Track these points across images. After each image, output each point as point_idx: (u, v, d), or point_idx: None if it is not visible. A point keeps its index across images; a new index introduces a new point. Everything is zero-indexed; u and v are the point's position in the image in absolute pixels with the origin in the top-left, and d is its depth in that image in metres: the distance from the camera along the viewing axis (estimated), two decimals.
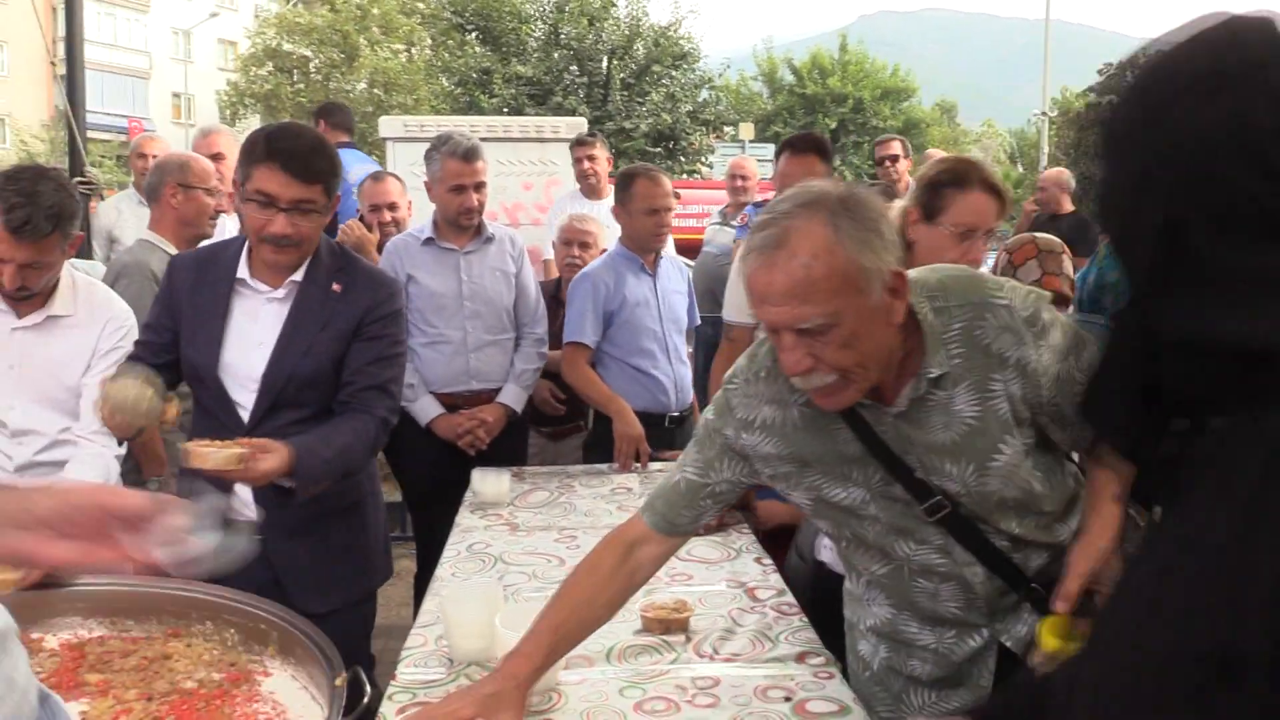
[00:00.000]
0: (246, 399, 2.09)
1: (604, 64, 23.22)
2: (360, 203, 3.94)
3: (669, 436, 3.29)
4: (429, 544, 3.10)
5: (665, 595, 1.99)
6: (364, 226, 3.68)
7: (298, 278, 2.12)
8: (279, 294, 2.12)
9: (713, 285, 4.71)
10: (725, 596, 2.08)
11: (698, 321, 3.66)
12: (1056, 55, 27.40)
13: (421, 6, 27.28)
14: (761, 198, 5.24)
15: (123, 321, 2.35)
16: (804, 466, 1.55)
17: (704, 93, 24.65)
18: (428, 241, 3.22)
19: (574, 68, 23.17)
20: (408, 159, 6.12)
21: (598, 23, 23.14)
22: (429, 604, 2.02)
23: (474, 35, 24.24)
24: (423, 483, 3.27)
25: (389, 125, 7.18)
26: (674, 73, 23.58)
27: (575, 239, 3.76)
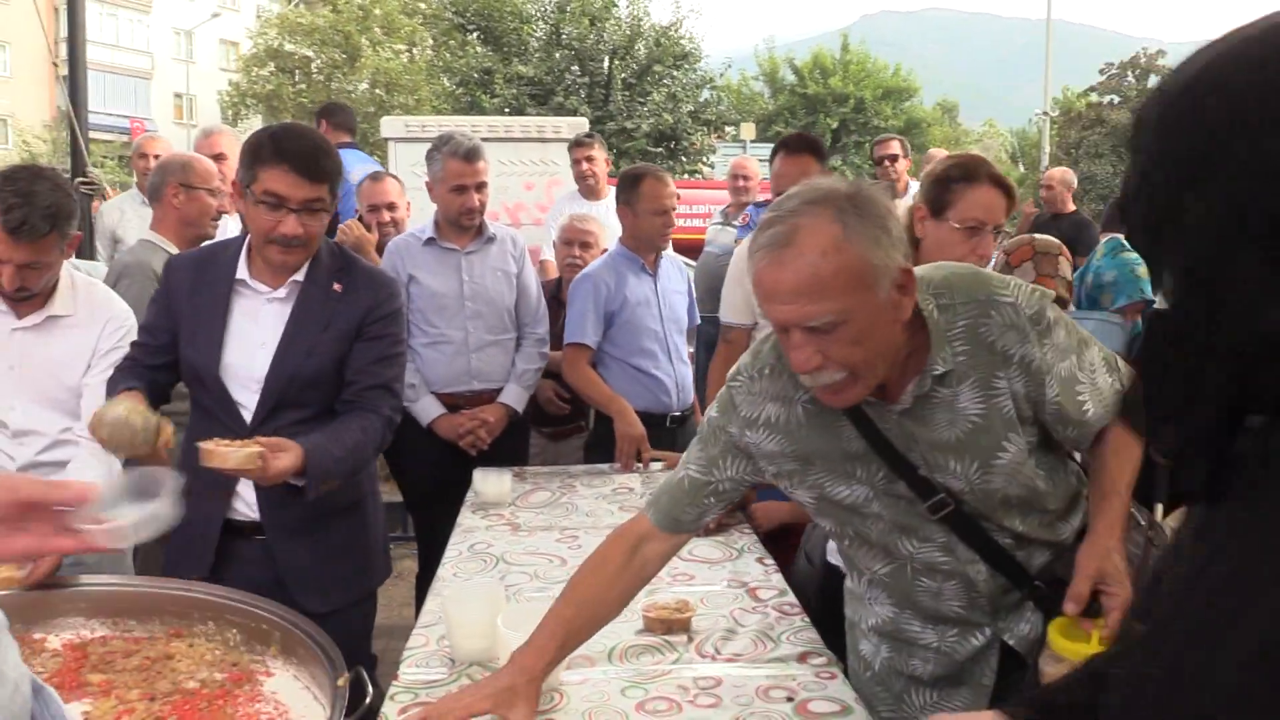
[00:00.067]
0: (248, 399, 2.09)
1: (605, 64, 23.22)
2: (359, 203, 3.95)
3: (670, 436, 3.29)
4: (431, 544, 3.10)
5: (667, 595, 1.99)
6: (363, 227, 3.68)
7: (299, 278, 2.12)
8: (279, 294, 2.12)
9: (714, 285, 4.69)
10: (727, 596, 2.08)
11: (697, 321, 3.66)
12: (1058, 55, 27.34)
13: (423, 7, 27.29)
14: (763, 198, 5.24)
15: (123, 321, 2.35)
16: (807, 464, 1.55)
17: (705, 93, 24.64)
18: (429, 241, 3.22)
19: (575, 68, 23.16)
20: (409, 159, 6.12)
21: (599, 23, 23.14)
22: (431, 604, 2.03)
23: (475, 35, 24.24)
24: (424, 483, 3.27)
25: (390, 125, 7.19)
26: (675, 73, 23.57)
27: (576, 239, 3.76)
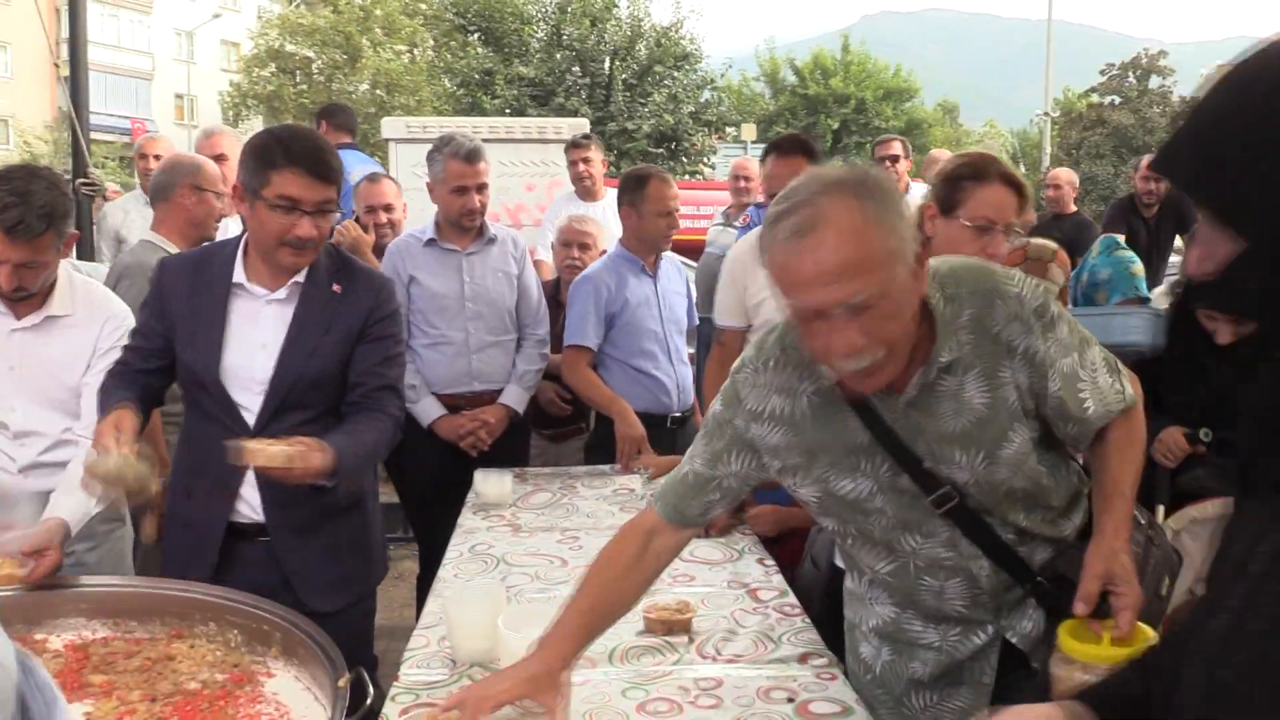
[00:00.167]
0: (251, 401, 2.09)
1: (606, 65, 23.22)
2: (356, 204, 3.95)
3: (670, 437, 3.29)
4: (431, 545, 3.10)
5: (668, 596, 1.99)
6: (360, 227, 3.68)
7: (299, 279, 2.12)
8: (279, 296, 2.12)
9: (715, 286, 4.69)
10: (728, 597, 2.08)
11: (696, 322, 3.66)
12: (1058, 55, 27.32)
13: (424, 8, 27.29)
14: (762, 198, 5.23)
15: (122, 320, 2.35)
16: (813, 458, 1.54)
17: (706, 93, 24.65)
18: (430, 242, 3.23)
19: (576, 68, 23.17)
20: (410, 160, 6.13)
21: (600, 23, 23.14)
22: (432, 605, 2.03)
23: (476, 36, 24.24)
24: (425, 484, 3.27)
25: (391, 126, 7.20)
26: (676, 73, 23.57)
27: (575, 240, 3.75)
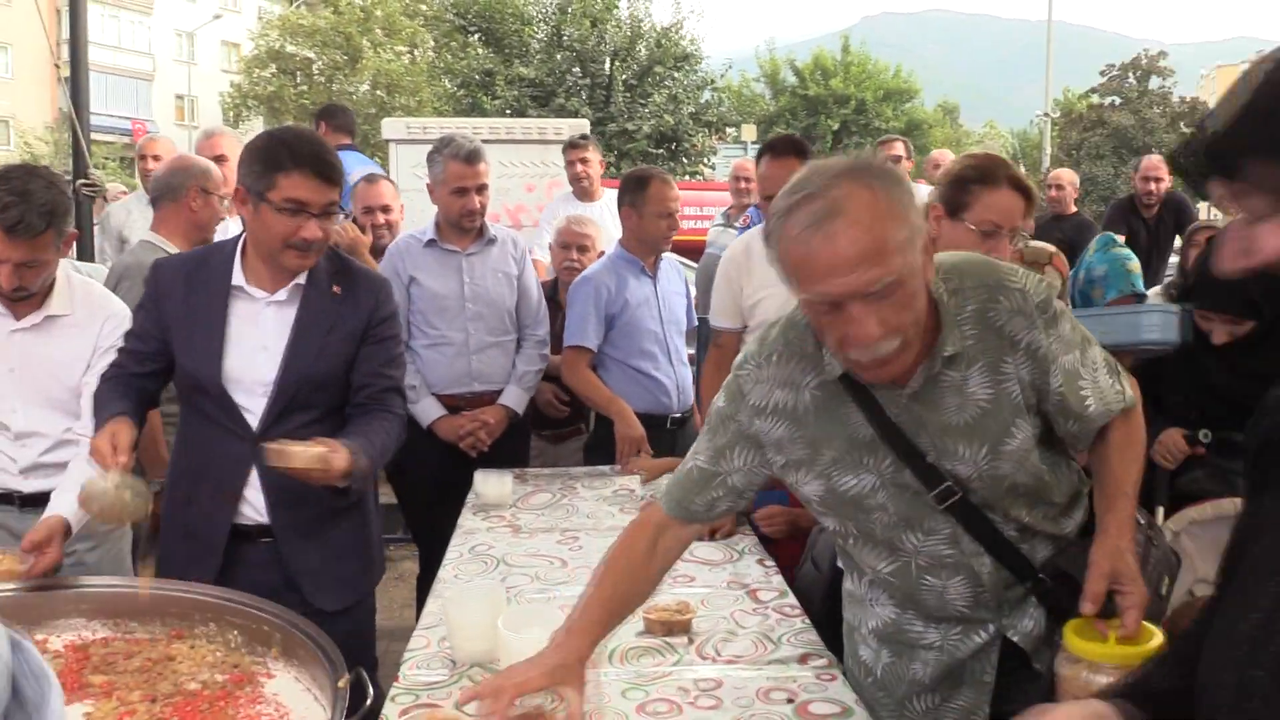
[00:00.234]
0: (253, 404, 2.08)
1: (606, 65, 23.23)
2: (353, 205, 3.95)
3: (670, 438, 3.29)
4: (431, 546, 3.10)
5: (667, 597, 1.99)
6: (357, 228, 3.68)
7: (300, 281, 2.12)
8: (279, 298, 2.12)
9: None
10: (727, 598, 2.08)
11: (695, 322, 3.66)
12: (1059, 56, 27.34)
13: (424, 8, 27.32)
14: (759, 200, 5.22)
15: (121, 320, 2.34)
16: (816, 452, 1.54)
17: (706, 94, 24.66)
18: (430, 243, 3.23)
19: (576, 69, 23.17)
20: (410, 161, 6.14)
21: (600, 24, 23.15)
22: (431, 606, 2.03)
23: (477, 37, 24.26)
24: (425, 484, 3.27)
25: (392, 127, 7.21)
26: (676, 74, 23.58)
27: (574, 242, 3.74)
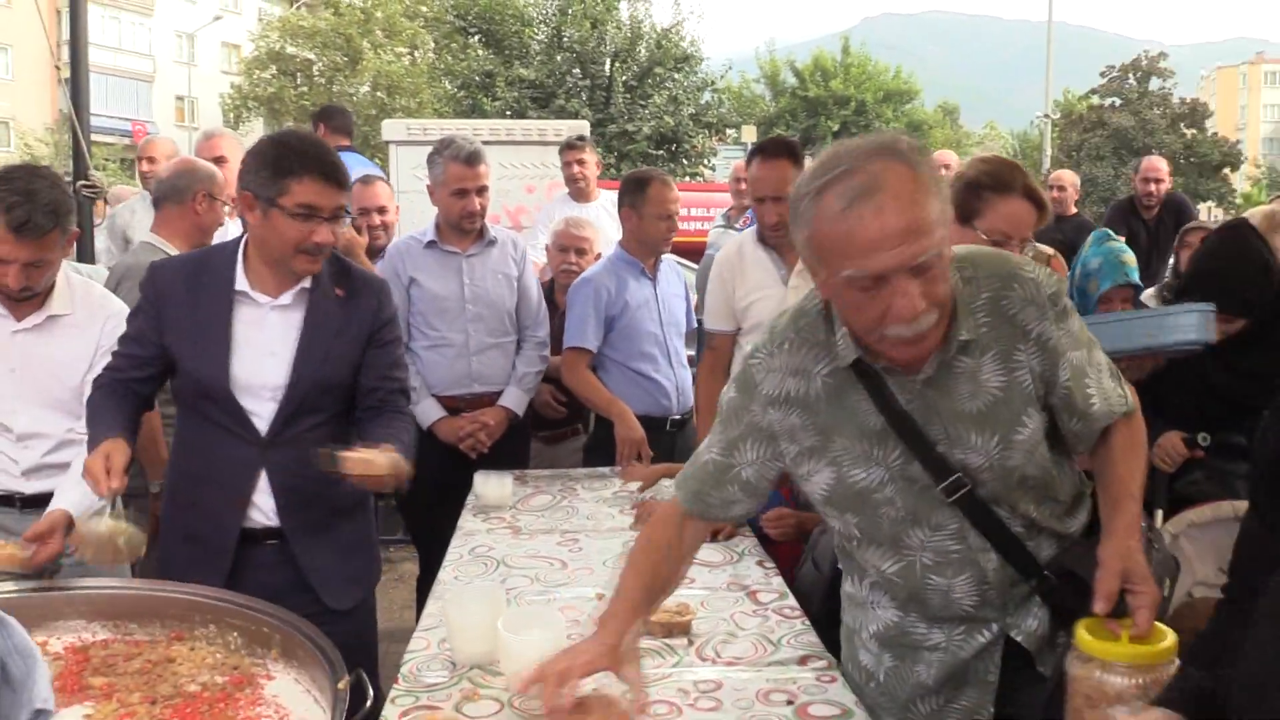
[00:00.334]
0: (262, 409, 2.08)
1: (606, 67, 23.25)
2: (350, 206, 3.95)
3: (670, 440, 3.29)
4: (431, 547, 3.10)
5: (667, 598, 1.99)
6: (353, 230, 3.68)
7: (305, 285, 2.12)
8: (283, 302, 2.11)
9: None
10: (727, 599, 2.08)
11: (695, 324, 3.66)
12: (1059, 57, 27.34)
13: (425, 10, 27.32)
14: (750, 202, 5.22)
15: (122, 319, 2.35)
16: (828, 439, 1.54)
17: (706, 95, 24.68)
18: (430, 244, 3.23)
19: (576, 70, 23.20)
20: (411, 162, 6.14)
21: (600, 25, 23.17)
22: (431, 607, 2.03)
23: (477, 38, 24.28)
24: (424, 486, 3.24)
25: (392, 129, 7.22)
26: (676, 75, 23.61)
27: (572, 245, 3.73)
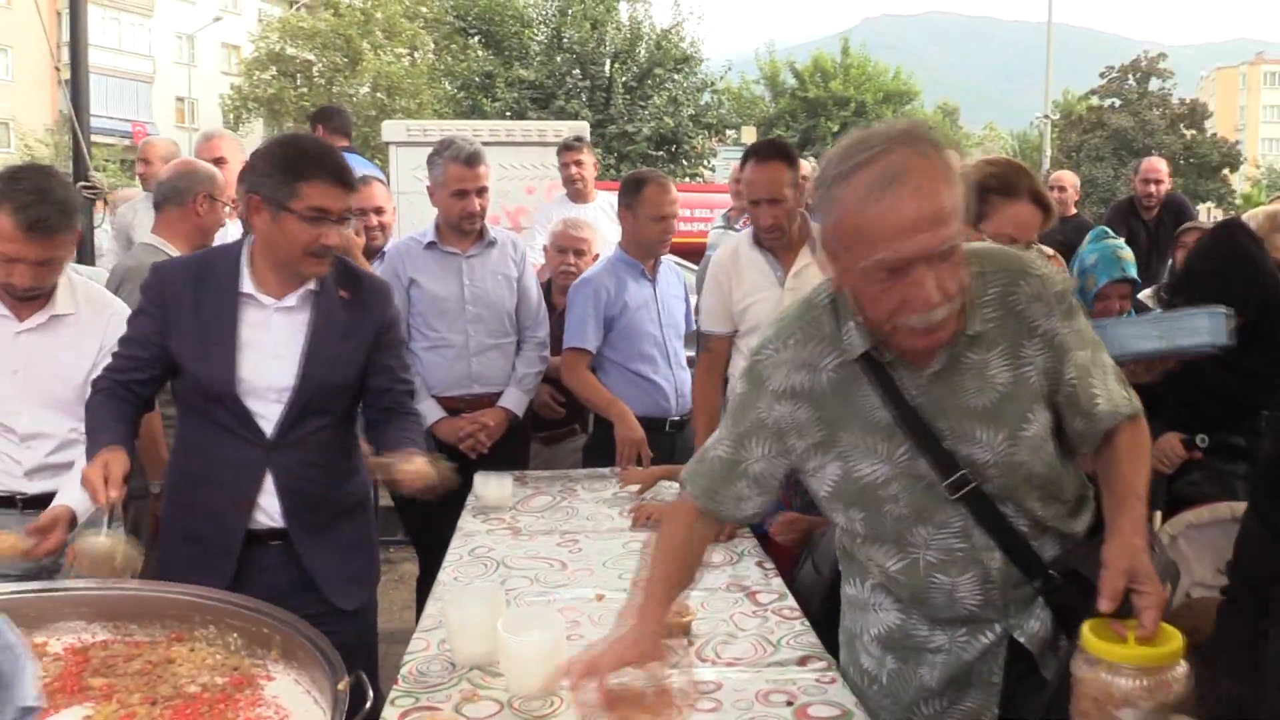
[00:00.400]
0: (268, 410, 2.08)
1: (606, 68, 23.26)
2: None
3: (669, 441, 3.29)
4: (431, 548, 3.10)
5: None
6: (350, 231, 3.68)
7: (311, 286, 2.12)
8: (288, 303, 2.11)
9: None
10: (727, 600, 2.08)
11: (694, 326, 3.66)
12: (1058, 58, 27.35)
13: (424, 11, 27.33)
14: (745, 204, 5.22)
15: (125, 319, 2.36)
16: (835, 432, 1.54)
17: (706, 96, 24.68)
18: (430, 245, 3.23)
19: (576, 71, 23.21)
20: (411, 163, 6.15)
21: (600, 26, 23.18)
22: (431, 608, 2.03)
23: (477, 39, 24.28)
24: None
25: (392, 130, 7.22)
26: (676, 76, 23.61)
27: (570, 246, 3.73)
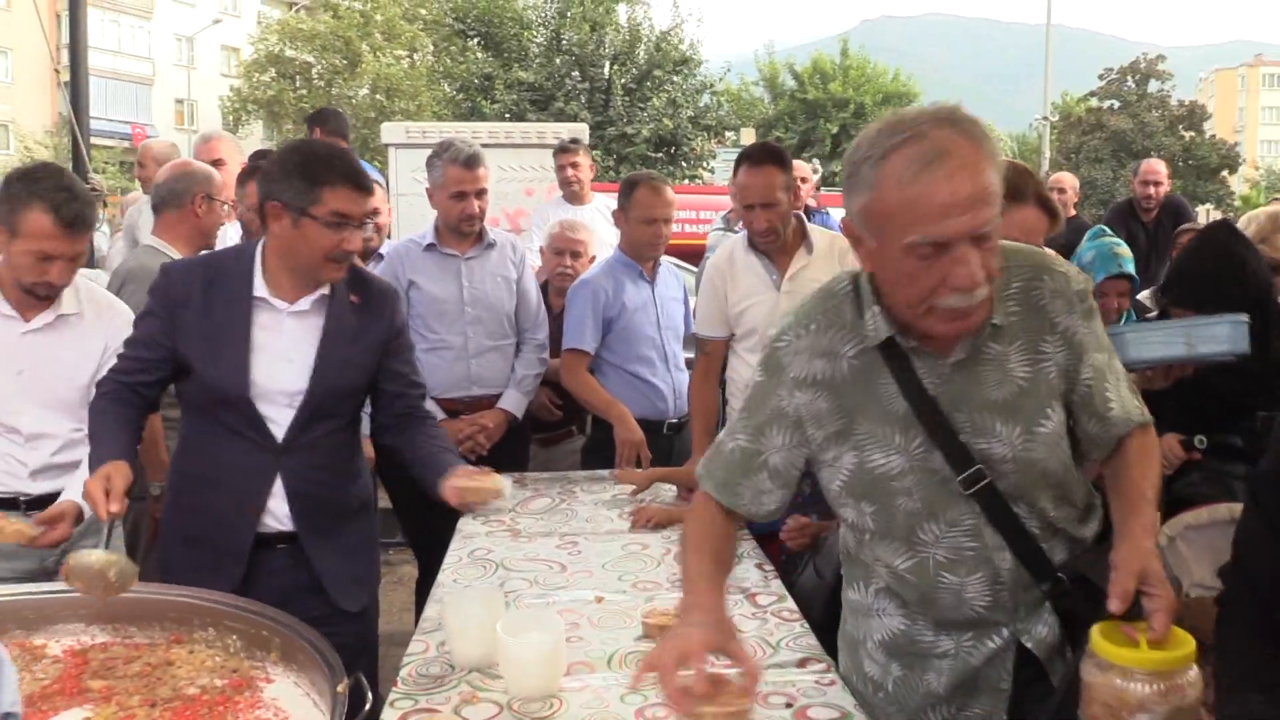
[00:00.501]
0: (279, 415, 2.08)
1: (605, 69, 23.28)
2: None
3: (667, 443, 3.29)
4: (430, 550, 3.10)
5: (666, 601, 1.99)
6: None
7: (324, 291, 2.12)
8: (300, 307, 2.11)
9: None
10: (726, 602, 2.07)
11: (693, 328, 3.65)
12: (1057, 59, 27.39)
13: (424, 13, 27.34)
14: (739, 208, 5.22)
15: (129, 319, 2.36)
16: (853, 421, 1.53)
17: (705, 98, 24.70)
18: (429, 247, 3.23)
19: (575, 73, 23.23)
20: (410, 165, 6.15)
21: (599, 28, 23.20)
22: (430, 610, 2.02)
23: (476, 41, 24.31)
24: (423, 488, 3.26)
25: (391, 131, 7.22)
26: (675, 78, 23.63)
27: (567, 248, 3.73)
